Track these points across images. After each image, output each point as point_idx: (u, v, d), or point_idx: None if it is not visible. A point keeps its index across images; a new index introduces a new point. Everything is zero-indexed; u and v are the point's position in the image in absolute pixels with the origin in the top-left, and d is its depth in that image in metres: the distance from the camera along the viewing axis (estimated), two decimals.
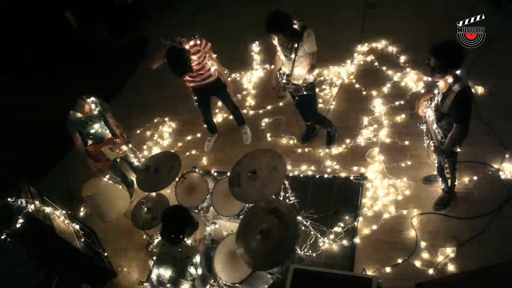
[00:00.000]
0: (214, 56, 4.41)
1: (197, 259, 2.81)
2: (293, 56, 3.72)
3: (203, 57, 4.21)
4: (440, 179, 3.56)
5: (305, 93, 3.94)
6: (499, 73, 4.44)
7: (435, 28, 5.04)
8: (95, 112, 4.16)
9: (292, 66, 3.80)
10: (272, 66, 4.45)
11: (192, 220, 2.88)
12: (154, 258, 3.04)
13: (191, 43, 4.10)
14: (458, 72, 2.75)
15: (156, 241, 3.80)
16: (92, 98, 4.14)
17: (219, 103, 5.59)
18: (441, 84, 2.89)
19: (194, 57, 4.10)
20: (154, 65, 4.13)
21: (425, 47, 2.80)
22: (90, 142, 4.27)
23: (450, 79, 2.77)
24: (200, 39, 4.15)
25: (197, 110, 4.88)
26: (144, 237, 4.17)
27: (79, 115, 4.06)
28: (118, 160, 4.59)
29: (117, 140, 4.33)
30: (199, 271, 2.83)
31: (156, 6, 9.24)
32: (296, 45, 3.63)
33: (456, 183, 3.56)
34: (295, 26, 3.60)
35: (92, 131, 4.22)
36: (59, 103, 4.18)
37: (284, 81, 3.97)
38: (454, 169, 3.32)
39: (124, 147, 4.41)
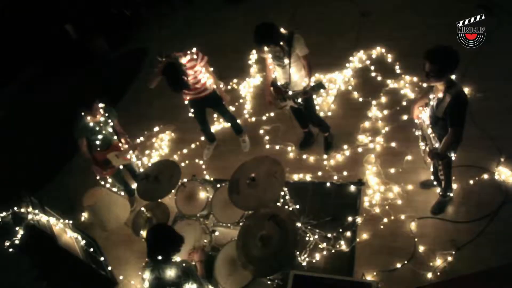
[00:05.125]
0: (211, 69, 4.41)
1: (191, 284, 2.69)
2: (287, 61, 3.75)
3: (199, 71, 4.22)
4: (437, 183, 3.59)
5: (314, 91, 3.82)
6: (495, 77, 4.51)
7: (431, 34, 5.13)
8: (103, 118, 4.20)
9: (289, 73, 3.83)
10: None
11: (175, 237, 2.76)
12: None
13: (188, 57, 4.10)
14: (452, 76, 2.80)
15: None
16: (101, 104, 4.17)
17: None
18: (436, 88, 2.94)
19: (190, 72, 4.12)
20: (152, 84, 4.14)
21: (420, 53, 2.83)
22: (96, 148, 4.30)
23: (445, 84, 2.81)
24: (196, 53, 4.14)
25: None
26: None
27: (88, 120, 4.11)
28: (121, 168, 4.62)
29: (123, 146, 4.36)
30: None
31: (155, 16, 9.34)
32: (288, 51, 3.67)
33: (453, 187, 3.59)
34: (283, 33, 3.66)
35: (100, 137, 4.23)
36: (59, 110, 4.22)
37: (283, 90, 3.95)
38: (449, 173, 3.34)
39: (130, 154, 4.43)
